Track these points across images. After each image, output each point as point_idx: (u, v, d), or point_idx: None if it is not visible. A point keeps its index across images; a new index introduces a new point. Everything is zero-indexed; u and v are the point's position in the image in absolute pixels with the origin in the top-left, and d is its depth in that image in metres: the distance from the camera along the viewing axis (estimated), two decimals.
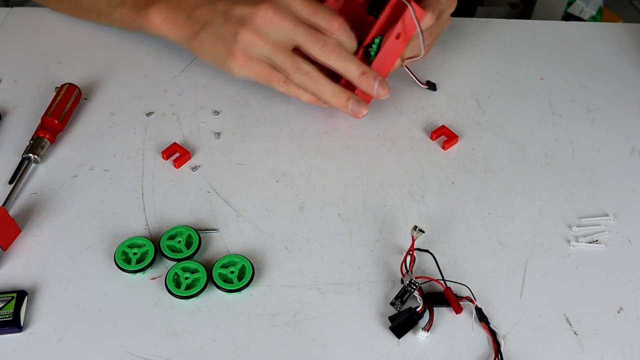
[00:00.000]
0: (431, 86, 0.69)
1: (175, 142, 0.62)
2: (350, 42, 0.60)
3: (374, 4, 0.61)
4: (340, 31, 0.58)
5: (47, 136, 0.61)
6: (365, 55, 0.62)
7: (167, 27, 0.64)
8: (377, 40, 0.61)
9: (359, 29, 0.61)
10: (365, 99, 0.62)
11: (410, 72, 0.67)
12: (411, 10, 0.58)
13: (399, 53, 0.63)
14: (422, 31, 0.59)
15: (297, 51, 0.60)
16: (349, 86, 0.61)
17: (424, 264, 0.54)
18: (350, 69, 0.59)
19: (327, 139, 0.64)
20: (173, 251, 0.53)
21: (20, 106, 0.66)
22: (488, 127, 0.66)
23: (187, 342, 0.49)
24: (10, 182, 0.59)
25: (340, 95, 0.60)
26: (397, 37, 0.60)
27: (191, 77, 0.70)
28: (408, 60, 0.65)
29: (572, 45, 0.77)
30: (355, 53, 0.61)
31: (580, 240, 0.56)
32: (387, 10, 0.60)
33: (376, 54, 0.61)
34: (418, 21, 0.58)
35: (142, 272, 0.53)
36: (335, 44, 0.58)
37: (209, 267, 0.52)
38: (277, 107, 0.67)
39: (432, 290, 0.52)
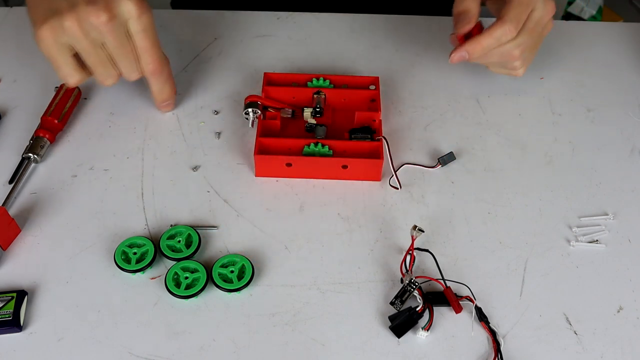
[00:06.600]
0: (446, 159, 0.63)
1: None
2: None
3: None
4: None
5: (47, 136, 0.61)
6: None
7: None
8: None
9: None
10: None
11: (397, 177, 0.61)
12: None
13: None
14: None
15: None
16: None
17: (424, 263, 0.54)
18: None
19: None
20: (173, 251, 0.53)
21: (20, 106, 0.66)
22: (488, 127, 0.66)
23: (187, 342, 0.49)
24: (10, 181, 0.59)
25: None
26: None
27: (191, 76, 0.70)
28: None
29: (572, 45, 0.77)
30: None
31: (580, 239, 0.56)
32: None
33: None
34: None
35: (142, 272, 0.53)
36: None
37: (208, 267, 0.52)
38: None
39: (431, 289, 0.52)
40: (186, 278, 0.51)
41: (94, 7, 0.54)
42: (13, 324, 0.48)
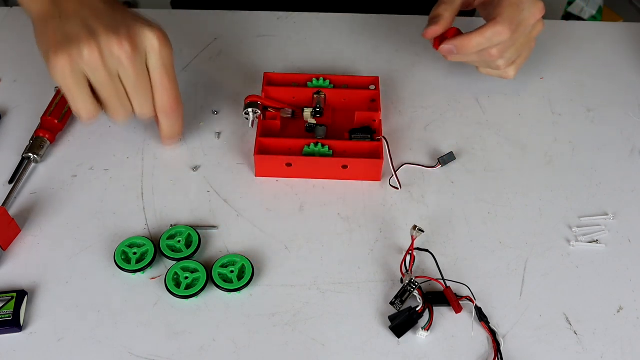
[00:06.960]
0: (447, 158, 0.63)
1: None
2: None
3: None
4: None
5: (47, 136, 0.61)
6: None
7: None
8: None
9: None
10: None
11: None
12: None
13: None
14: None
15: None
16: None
17: (424, 263, 0.54)
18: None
19: None
20: (173, 251, 0.53)
21: (20, 106, 0.66)
22: (488, 126, 0.66)
23: (187, 342, 0.49)
24: (10, 181, 0.59)
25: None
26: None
27: (191, 76, 0.70)
28: None
29: (572, 45, 0.77)
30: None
31: (580, 239, 0.56)
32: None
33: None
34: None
35: (142, 272, 0.53)
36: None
37: (208, 267, 0.52)
38: None
39: (431, 289, 0.52)
40: (186, 278, 0.51)
41: (116, 36, 0.50)
42: (13, 324, 0.48)
